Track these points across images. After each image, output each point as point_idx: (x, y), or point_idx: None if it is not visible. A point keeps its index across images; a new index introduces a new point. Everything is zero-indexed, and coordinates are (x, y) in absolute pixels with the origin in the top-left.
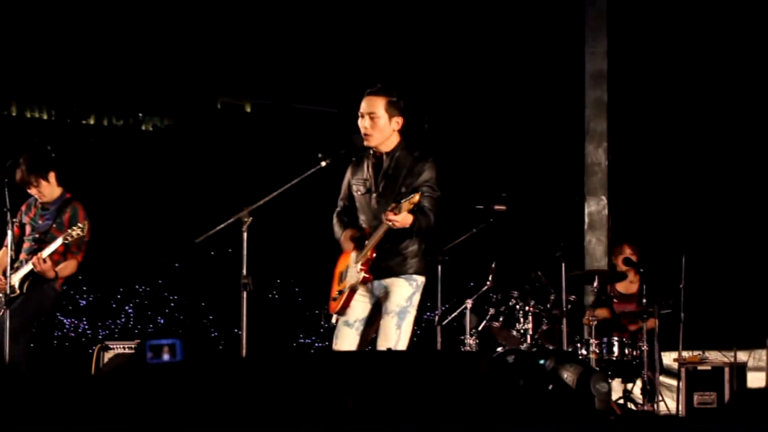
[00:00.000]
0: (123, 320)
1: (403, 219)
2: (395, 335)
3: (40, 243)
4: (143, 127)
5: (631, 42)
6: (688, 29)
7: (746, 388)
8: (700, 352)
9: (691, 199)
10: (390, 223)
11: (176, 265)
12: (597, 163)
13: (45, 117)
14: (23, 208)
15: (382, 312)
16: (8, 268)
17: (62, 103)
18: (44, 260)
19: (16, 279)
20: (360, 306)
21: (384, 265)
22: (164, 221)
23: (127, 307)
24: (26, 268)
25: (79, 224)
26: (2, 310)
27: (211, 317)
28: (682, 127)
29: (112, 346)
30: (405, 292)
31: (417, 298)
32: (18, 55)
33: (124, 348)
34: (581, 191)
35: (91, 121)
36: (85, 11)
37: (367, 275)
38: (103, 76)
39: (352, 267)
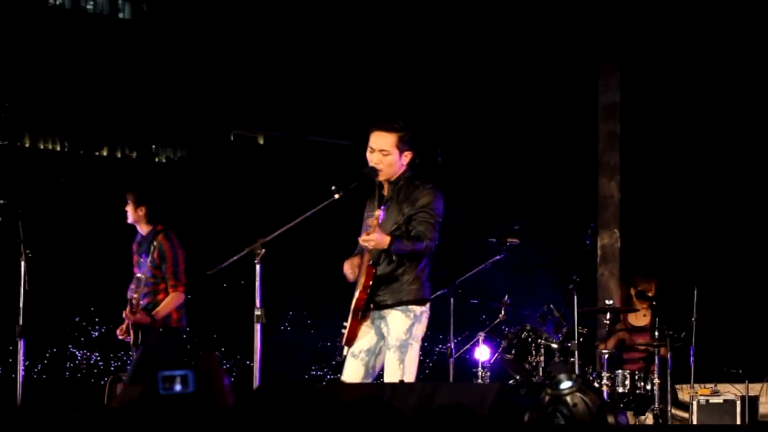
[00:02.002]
0: (134, 353)
1: (375, 238)
2: (399, 370)
3: (138, 284)
4: (157, 159)
5: (644, 75)
6: (700, 63)
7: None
8: (713, 385)
9: (703, 232)
10: (364, 244)
11: (189, 297)
12: (610, 196)
13: (58, 148)
14: (134, 248)
15: (385, 346)
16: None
17: (75, 134)
18: (134, 312)
19: (131, 329)
20: (365, 337)
21: (380, 294)
22: None
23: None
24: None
25: (143, 278)
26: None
27: (223, 349)
28: (694, 161)
29: (124, 378)
30: (402, 325)
31: (418, 328)
32: (32, 86)
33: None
34: (594, 224)
35: (105, 153)
36: (99, 44)
37: (362, 293)
38: (117, 108)
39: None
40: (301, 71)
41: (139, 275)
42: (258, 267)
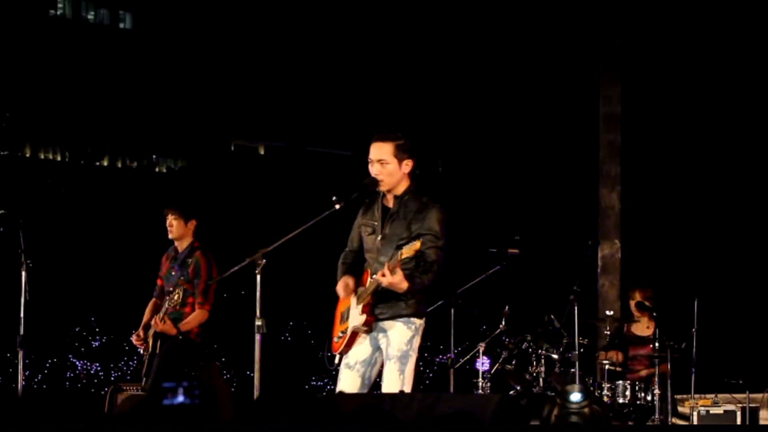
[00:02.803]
0: (135, 362)
1: (396, 282)
2: (398, 381)
3: (170, 295)
4: (157, 169)
5: (645, 86)
6: (701, 74)
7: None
8: (713, 396)
9: (703, 242)
10: (382, 281)
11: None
12: (610, 207)
13: (59, 158)
14: (164, 259)
15: (384, 357)
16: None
17: (76, 144)
18: (163, 321)
19: (149, 335)
20: (360, 348)
21: (384, 306)
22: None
23: (139, 349)
24: (153, 327)
25: (177, 290)
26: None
27: (223, 359)
28: (695, 172)
29: (124, 388)
30: (404, 336)
31: (417, 341)
32: (33, 97)
33: (136, 390)
34: (595, 235)
35: (105, 163)
36: (100, 54)
37: (369, 317)
38: (117, 118)
39: (353, 309)
40: (302, 82)
41: (170, 288)
42: (258, 277)
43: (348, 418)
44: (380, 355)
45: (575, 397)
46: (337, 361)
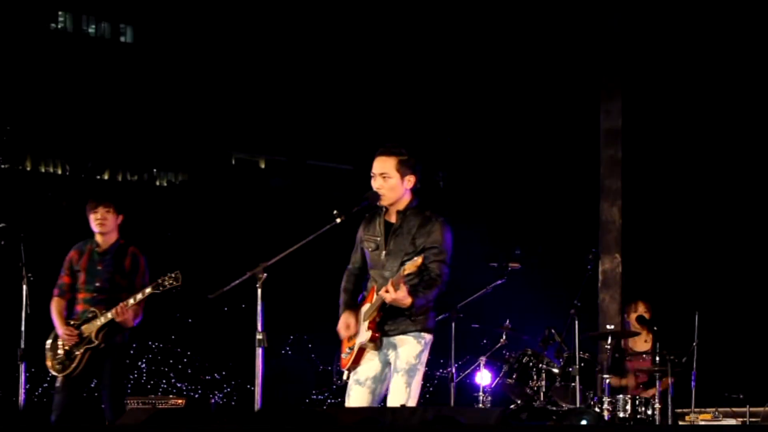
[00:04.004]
0: (136, 375)
1: (399, 298)
2: (405, 394)
3: (106, 292)
4: (158, 183)
5: (646, 101)
6: (702, 88)
7: None
8: (714, 410)
9: (704, 257)
10: (385, 296)
11: (189, 320)
12: (611, 221)
13: (59, 171)
14: (74, 254)
15: (392, 370)
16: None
17: (77, 158)
18: (127, 307)
19: (92, 329)
20: (370, 364)
21: (392, 322)
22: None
23: (140, 363)
24: (102, 318)
25: (172, 274)
26: (81, 365)
27: (224, 373)
28: (696, 186)
29: (126, 401)
30: (414, 350)
31: (425, 355)
32: (33, 110)
33: (137, 403)
34: (595, 249)
35: (106, 176)
36: (100, 68)
37: (375, 334)
38: (118, 132)
39: (361, 325)
40: (303, 96)
41: (97, 283)
42: (260, 291)
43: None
44: (390, 371)
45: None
46: (345, 377)
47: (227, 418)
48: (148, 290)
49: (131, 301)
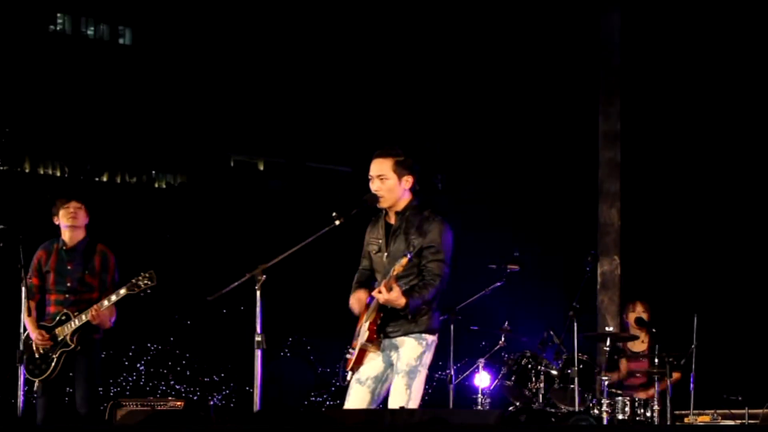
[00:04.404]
0: (135, 378)
1: (392, 299)
2: (405, 395)
3: (77, 293)
4: (156, 185)
5: (645, 103)
6: (701, 91)
7: None
8: (712, 412)
9: (703, 259)
10: (378, 298)
11: (188, 322)
12: (610, 224)
13: (58, 173)
14: (41, 254)
15: (393, 371)
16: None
17: (75, 160)
18: (103, 308)
19: (67, 331)
20: (372, 364)
21: (394, 323)
22: (177, 278)
23: (138, 365)
24: (77, 321)
25: (146, 274)
26: (57, 368)
27: (223, 374)
28: (694, 188)
29: (124, 403)
30: (415, 352)
31: (428, 357)
32: (32, 112)
33: (136, 405)
34: (594, 251)
35: (105, 178)
36: (99, 69)
37: (372, 336)
38: (117, 134)
39: (363, 326)
40: (302, 98)
41: (68, 283)
42: (258, 293)
43: None
44: (392, 372)
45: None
46: (348, 377)
47: (226, 420)
48: (122, 291)
49: (106, 302)
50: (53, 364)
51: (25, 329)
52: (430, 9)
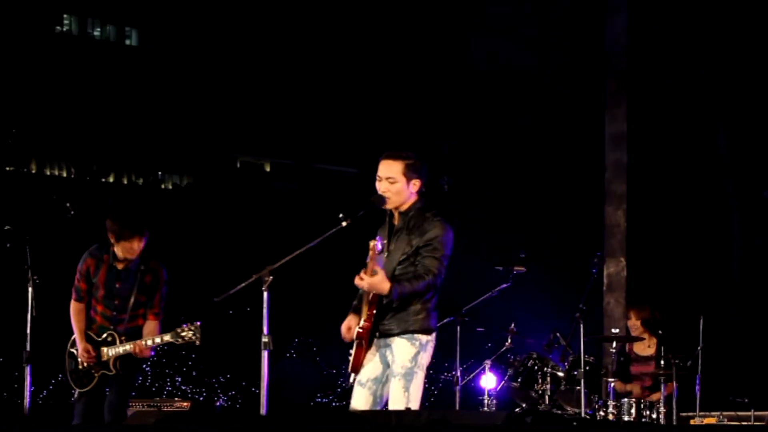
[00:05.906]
0: (141, 378)
1: (375, 283)
2: (404, 398)
3: (125, 311)
4: (163, 186)
5: (651, 105)
6: (707, 93)
7: None
8: (718, 414)
9: (709, 261)
10: (361, 284)
11: (197, 323)
12: (616, 225)
13: (65, 174)
14: (90, 263)
15: (390, 374)
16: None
17: (82, 160)
18: (146, 347)
19: (111, 354)
20: (371, 365)
21: (386, 323)
22: (183, 279)
23: (145, 365)
24: (121, 349)
25: (192, 326)
26: (95, 383)
27: (229, 375)
28: (700, 191)
29: (130, 404)
30: (407, 353)
31: (424, 357)
32: (38, 113)
33: (142, 406)
34: (600, 253)
35: (111, 179)
36: (106, 71)
37: (360, 330)
38: (123, 135)
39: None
40: (309, 99)
41: (116, 302)
42: (265, 294)
43: None
44: (390, 373)
45: None
46: (351, 379)
47: (232, 421)
48: (167, 338)
49: (149, 342)
50: (94, 381)
51: (31, 330)
52: (431, 9)
